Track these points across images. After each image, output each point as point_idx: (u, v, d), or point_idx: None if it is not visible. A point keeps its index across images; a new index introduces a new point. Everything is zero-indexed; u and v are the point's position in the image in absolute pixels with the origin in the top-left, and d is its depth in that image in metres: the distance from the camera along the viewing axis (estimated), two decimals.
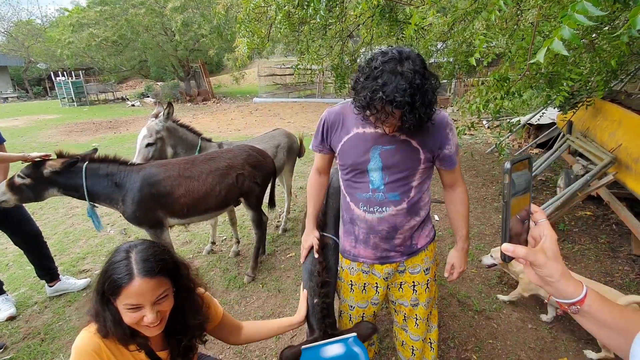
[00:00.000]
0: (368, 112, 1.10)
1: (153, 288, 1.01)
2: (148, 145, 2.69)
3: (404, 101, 1.01)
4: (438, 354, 1.58)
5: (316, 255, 1.49)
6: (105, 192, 2.29)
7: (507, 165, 0.56)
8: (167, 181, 2.34)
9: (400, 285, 1.45)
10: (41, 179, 2.18)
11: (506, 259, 0.60)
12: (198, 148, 2.95)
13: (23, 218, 2.61)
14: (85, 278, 2.91)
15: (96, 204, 2.35)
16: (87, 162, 2.26)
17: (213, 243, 3.38)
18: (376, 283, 1.45)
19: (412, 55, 1.05)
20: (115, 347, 1.08)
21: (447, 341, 2.16)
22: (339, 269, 1.54)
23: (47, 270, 2.72)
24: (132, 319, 1.01)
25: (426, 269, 1.44)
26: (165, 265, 1.05)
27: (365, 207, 1.34)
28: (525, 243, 0.62)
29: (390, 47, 1.09)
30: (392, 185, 1.29)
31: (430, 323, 1.53)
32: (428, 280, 1.45)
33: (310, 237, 1.52)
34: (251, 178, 2.65)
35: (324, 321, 1.36)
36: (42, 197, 2.25)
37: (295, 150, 3.69)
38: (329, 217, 1.62)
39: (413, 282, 1.43)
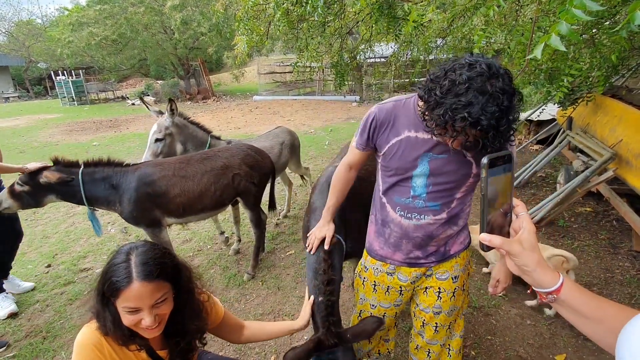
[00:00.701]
0: (442, 131, 1.00)
1: (151, 292, 1.00)
2: (157, 140, 2.73)
3: (491, 124, 0.90)
4: None
5: (326, 247, 1.45)
6: (103, 196, 2.32)
7: (484, 160, 0.59)
8: (162, 181, 2.36)
9: (426, 289, 1.40)
10: (39, 187, 2.23)
11: (484, 248, 0.64)
12: (207, 145, 2.97)
13: (12, 216, 2.60)
14: (31, 283, 2.89)
15: (96, 208, 2.39)
16: (82, 168, 2.28)
17: (239, 240, 3.33)
18: (400, 287, 1.41)
19: (501, 71, 0.93)
20: (116, 344, 1.09)
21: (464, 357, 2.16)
22: (361, 268, 1.52)
23: (6, 268, 2.72)
24: (130, 322, 1.01)
25: (455, 277, 1.37)
26: (164, 269, 1.04)
27: (402, 212, 1.28)
28: (508, 235, 0.65)
29: (476, 58, 0.95)
30: (434, 195, 1.23)
31: (453, 331, 1.46)
32: (455, 288, 1.38)
33: (324, 229, 1.48)
34: (248, 178, 2.64)
35: (327, 319, 1.34)
36: (42, 203, 2.31)
37: (297, 146, 3.77)
38: (334, 217, 1.59)
39: (439, 288, 1.37)
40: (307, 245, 1.54)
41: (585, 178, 3.09)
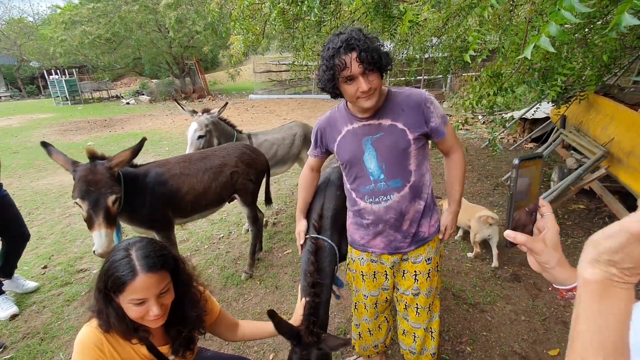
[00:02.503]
0: (337, 76, 1.21)
1: (157, 282, 1.05)
2: (199, 137, 3.00)
3: (355, 43, 1.16)
4: (439, 344, 1.62)
5: (300, 242, 1.63)
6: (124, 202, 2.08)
7: (516, 161, 0.61)
8: (173, 179, 2.36)
9: (403, 273, 1.50)
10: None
11: (507, 244, 0.67)
12: (235, 138, 3.26)
13: (18, 217, 2.61)
14: (34, 282, 2.88)
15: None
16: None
17: (248, 231, 3.56)
18: (385, 271, 1.51)
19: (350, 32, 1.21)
20: (116, 342, 1.11)
21: (442, 334, 2.19)
22: (349, 261, 1.61)
23: (11, 267, 2.72)
24: (137, 313, 1.04)
25: (428, 259, 1.48)
26: (166, 260, 1.10)
27: (370, 199, 1.40)
28: (531, 233, 0.68)
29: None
30: (391, 173, 1.36)
31: (432, 313, 1.56)
32: (430, 270, 1.48)
33: (298, 225, 1.67)
34: (245, 175, 2.68)
35: (309, 318, 1.43)
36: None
37: (310, 138, 3.83)
38: (324, 220, 1.64)
39: (415, 271, 1.48)
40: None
41: (579, 176, 3.13)
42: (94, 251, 1.86)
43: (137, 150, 1.98)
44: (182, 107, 3.22)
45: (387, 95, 1.35)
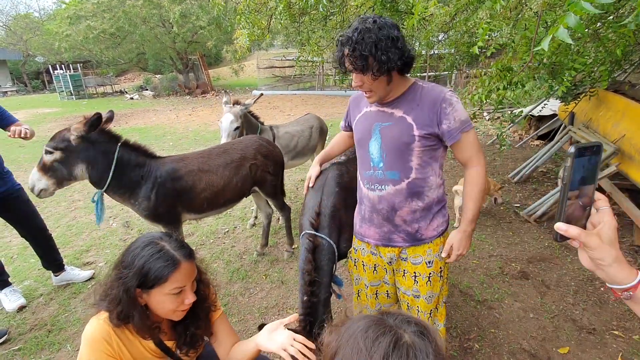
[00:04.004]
0: (346, 65, 1.23)
1: (193, 270, 1.12)
2: (236, 128, 3.09)
3: (353, 38, 1.16)
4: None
5: (311, 185, 1.68)
6: (128, 184, 2.15)
7: (572, 149, 0.57)
8: (189, 176, 2.33)
9: (404, 273, 1.47)
10: (69, 150, 1.99)
11: (558, 238, 0.62)
12: (259, 130, 3.37)
13: (30, 212, 2.61)
14: (89, 270, 2.92)
15: (109, 194, 2.18)
16: (120, 144, 2.12)
17: (255, 217, 3.73)
18: (385, 265, 1.50)
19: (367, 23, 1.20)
20: (124, 336, 1.10)
21: (449, 330, 2.18)
22: (352, 249, 1.60)
23: (52, 261, 2.75)
24: (174, 304, 1.07)
25: (429, 262, 1.42)
26: (192, 251, 1.16)
27: (368, 185, 1.41)
28: (584, 228, 0.63)
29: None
30: (390, 163, 1.34)
31: (436, 320, 1.50)
32: (430, 273, 1.43)
33: (311, 170, 1.72)
34: (263, 167, 2.70)
35: (306, 318, 1.42)
36: (74, 174, 2.05)
37: (325, 131, 4.10)
38: (322, 217, 1.60)
39: (414, 272, 1.44)
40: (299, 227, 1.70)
41: None
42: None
43: (91, 123, 1.99)
44: (225, 98, 3.33)
45: (410, 86, 1.32)
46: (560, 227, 0.61)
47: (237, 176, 2.52)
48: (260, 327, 1.19)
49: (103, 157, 2.06)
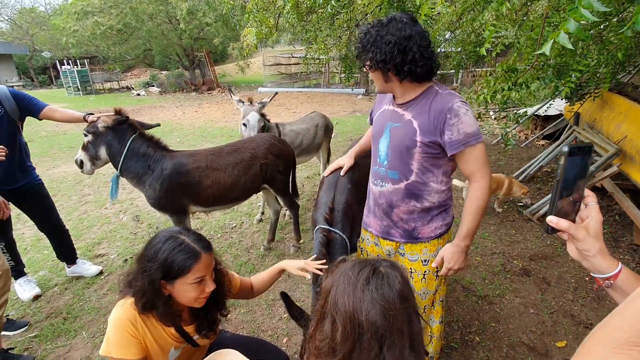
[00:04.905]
0: (365, 63, 1.31)
1: (212, 260, 1.21)
2: (262, 127, 3.24)
3: (361, 36, 1.30)
4: (441, 348, 1.60)
5: (342, 173, 1.72)
6: (135, 171, 2.41)
7: (565, 149, 0.61)
8: (196, 172, 2.44)
9: None
10: (97, 135, 2.40)
11: (549, 230, 0.68)
12: (266, 128, 3.43)
13: (47, 206, 2.69)
14: (98, 265, 2.98)
15: (123, 177, 2.49)
16: (135, 135, 2.42)
17: (262, 213, 3.82)
18: (385, 257, 1.54)
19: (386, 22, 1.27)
20: (149, 321, 1.18)
21: (451, 324, 2.24)
22: (360, 239, 1.68)
23: (66, 254, 2.84)
24: (196, 292, 1.15)
25: (424, 260, 1.46)
26: (210, 243, 1.24)
27: (373, 179, 1.49)
28: (574, 222, 0.69)
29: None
30: (392, 162, 1.39)
31: (431, 316, 1.55)
32: (426, 271, 1.46)
33: (345, 159, 1.75)
34: (274, 167, 2.73)
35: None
36: (99, 154, 2.44)
37: (330, 129, 4.15)
38: (336, 213, 1.66)
39: (410, 268, 1.48)
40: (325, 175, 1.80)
41: (590, 173, 3.13)
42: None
43: (119, 121, 2.37)
44: (231, 96, 3.47)
45: (425, 90, 1.32)
46: (551, 219, 0.66)
47: (246, 175, 2.58)
48: (283, 295, 1.37)
49: (119, 143, 2.39)
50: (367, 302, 0.73)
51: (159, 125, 2.70)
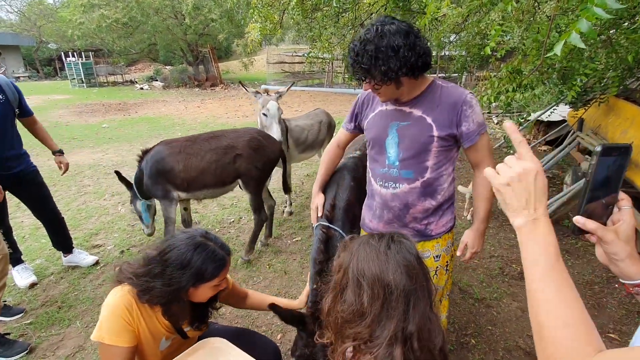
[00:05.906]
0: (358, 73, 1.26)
1: (230, 263, 1.25)
2: (281, 114, 3.28)
3: (357, 45, 1.20)
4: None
5: (319, 215, 1.63)
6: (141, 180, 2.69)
7: (598, 148, 0.58)
8: (170, 158, 2.56)
9: None
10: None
11: (576, 231, 0.64)
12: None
13: (43, 194, 2.67)
14: (94, 256, 2.97)
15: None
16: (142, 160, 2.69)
17: (290, 204, 3.84)
18: None
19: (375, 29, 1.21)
20: (144, 309, 1.15)
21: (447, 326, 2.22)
22: None
23: (63, 243, 2.83)
24: (213, 291, 1.20)
25: (436, 256, 1.46)
26: (230, 248, 1.27)
27: (381, 182, 1.43)
28: (604, 225, 0.65)
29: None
30: (406, 162, 1.35)
31: (438, 311, 1.56)
32: (437, 267, 1.46)
33: (315, 199, 1.67)
34: (249, 161, 2.68)
35: (314, 306, 1.45)
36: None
37: (333, 126, 4.15)
38: (337, 210, 1.64)
39: None
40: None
41: None
42: None
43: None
44: (246, 89, 3.42)
45: (428, 86, 1.32)
46: (578, 220, 0.62)
47: (217, 162, 2.61)
48: (271, 306, 1.34)
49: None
50: (392, 264, 0.82)
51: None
